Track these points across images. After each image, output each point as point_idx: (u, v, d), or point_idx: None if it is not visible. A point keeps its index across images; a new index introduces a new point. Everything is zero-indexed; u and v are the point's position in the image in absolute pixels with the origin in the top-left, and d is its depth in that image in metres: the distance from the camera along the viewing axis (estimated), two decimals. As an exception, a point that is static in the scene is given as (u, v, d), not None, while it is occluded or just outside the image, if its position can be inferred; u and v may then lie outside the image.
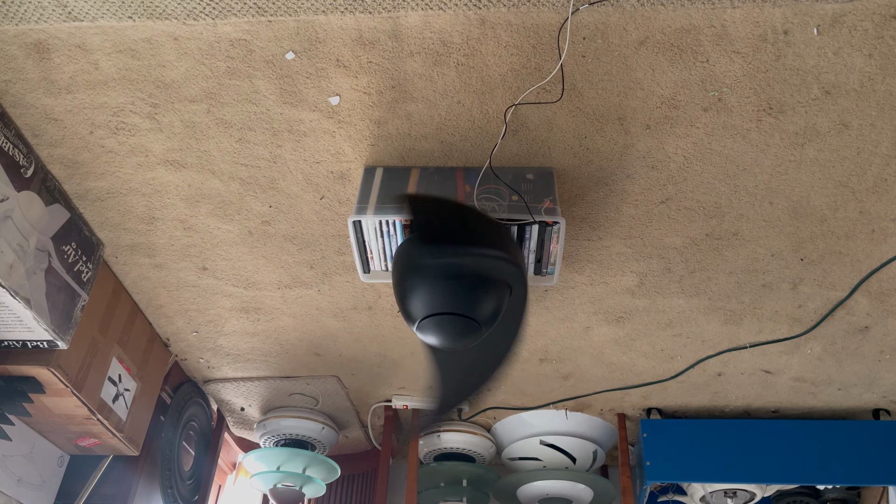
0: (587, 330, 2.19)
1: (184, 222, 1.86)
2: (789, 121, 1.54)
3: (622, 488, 2.43)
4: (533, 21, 1.38)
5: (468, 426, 2.72)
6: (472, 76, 1.48)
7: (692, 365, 2.32)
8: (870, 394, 2.41)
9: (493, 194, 1.61)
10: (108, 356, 2.02)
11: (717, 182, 1.69)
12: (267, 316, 2.19)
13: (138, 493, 2.28)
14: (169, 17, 1.38)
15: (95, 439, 2.11)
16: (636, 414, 2.62)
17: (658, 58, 1.43)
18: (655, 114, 1.54)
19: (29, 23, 1.39)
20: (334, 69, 1.48)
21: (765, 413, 2.56)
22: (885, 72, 1.43)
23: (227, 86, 1.52)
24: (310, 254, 1.94)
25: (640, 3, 1.34)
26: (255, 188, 1.76)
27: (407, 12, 1.37)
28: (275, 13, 1.37)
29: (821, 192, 1.69)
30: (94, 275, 1.88)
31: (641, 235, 1.84)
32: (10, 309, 1.65)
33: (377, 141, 1.63)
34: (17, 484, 2.02)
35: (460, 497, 2.63)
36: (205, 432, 2.70)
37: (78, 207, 1.83)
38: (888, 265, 1.87)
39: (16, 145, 1.61)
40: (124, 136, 1.63)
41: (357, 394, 2.63)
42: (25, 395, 1.86)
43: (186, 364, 2.48)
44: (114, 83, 1.52)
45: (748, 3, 1.33)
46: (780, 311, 2.06)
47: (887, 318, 2.05)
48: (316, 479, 2.57)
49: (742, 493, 2.42)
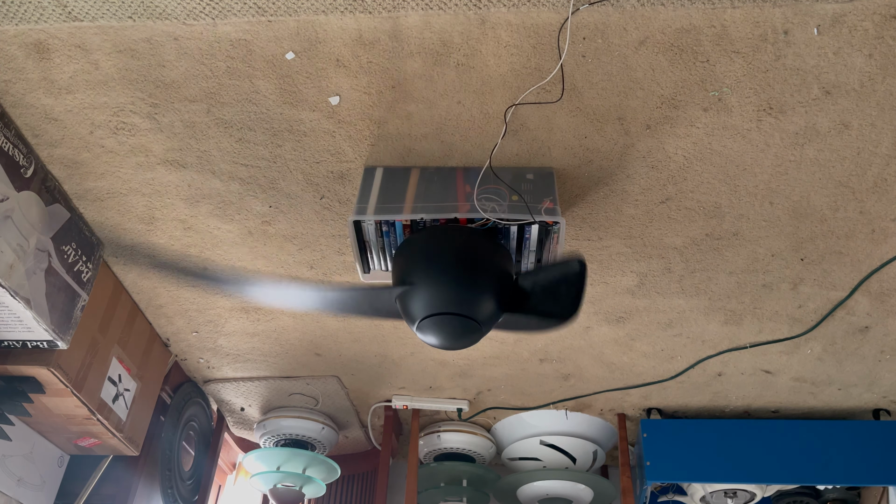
0: (587, 330, 2.19)
1: (184, 222, 1.86)
2: (789, 121, 1.54)
3: (622, 488, 2.43)
4: (533, 21, 1.38)
5: (468, 426, 2.72)
6: (472, 76, 1.48)
7: (692, 365, 2.32)
8: (870, 394, 2.41)
9: (493, 194, 1.60)
10: (108, 356, 2.02)
11: (717, 182, 1.69)
12: (267, 316, 2.19)
13: (138, 493, 2.28)
14: (169, 17, 1.38)
15: (95, 439, 2.11)
16: (636, 414, 2.62)
17: (658, 58, 1.43)
18: (655, 114, 1.54)
19: (29, 23, 1.39)
20: (334, 69, 1.48)
21: (765, 413, 2.56)
22: (885, 72, 1.43)
23: (227, 86, 1.52)
24: (310, 254, 1.94)
25: (640, 3, 1.34)
26: (255, 188, 1.76)
27: (407, 12, 1.37)
28: (275, 13, 1.37)
29: (821, 192, 1.69)
30: (94, 275, 1.88)
31: (641, 235, 1.84)
32: (10, 309, 1.65)
33: (377, 141, 1.63)
34: (17, 484, 2.02)
35: (460, 497, 2.62)
36: (205, 432, 2.70)
37: (78, 207, 1.83)
38: (888, 265, 1.87)
39: (16, 145, 1.61)
40: (124, 136, 1.63)
41: (357, 394, 2.63)
42: (25, 395, 1.86)
43: (186, 364, 2.48)
44: (114, 83, 1.52)
45: (748, 3, 1.33)
46: (780, 311, 2.06)
47: (887, 318, 2.05)
48: (316, 479, 2.57)
49: (742, 493, 2.41)
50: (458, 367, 2.43)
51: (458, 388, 2.55)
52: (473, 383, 2.52)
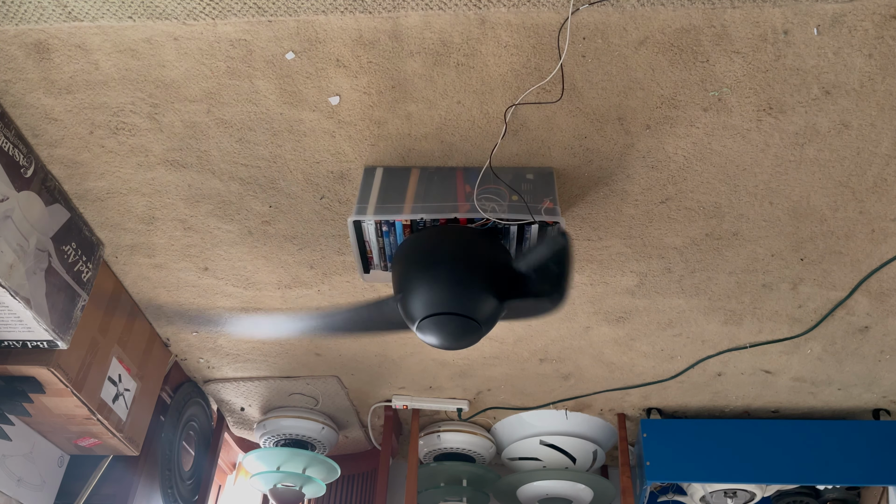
0: (587, 330, 2.19)
1: (184, 222, 1.86)
2: (789, 121, 1.54)
3: (622, 488, 2.43)
4: (533, 21, 1.38)
5: (468, 426, 2.72)
6: (472, 76, 1.48)
7: (692, 365, 2.32)
8: (870, 394, 2.41)
9: (493, 194, 1.61)
10: (108, 356, 2.02)
11: (717, 182, 1.69)
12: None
13: (138, 493, 2.28)
14: (169, 17, 1.38)
15: (95, 439, 2.11)
16: (636, 414, 2.62)
17: (658, 58, 1.43)
18: (655, 114, 1.54)
19: (29, 23, 1.39)
20: (334, 69, 1.48)
21: (765, 413, 2.56)
22: (885, 72, 1.43)
23: (227, 86, 1.52)
24: (310, 254, 1.94)
25: (640, 3, 1.34)
26: (255, 188, 1.76)
27: (407, 12, 1.37)
28: (275, 13, 1.37)
29: (821, 192, 1.69)
30: (94, 275, 1.88)
31: (641, 235, 1.84)
32: (10, 309, 1.65)
33: (377, 141, 1.63)
34: (17, 484, 2.02)
35: (460, 497, 2.63)
36: (205, 432, 2.70)
37: (78, 207, 1.83)
38: (888, 265, 1.87)
39: (16, 145, 1.61)
40: (124, 136, 1.63)
41: (357, 394, 2.63)
42: (25, 395, 1.86)
43: (186, 364, 2.48)
44: (114, 83, 1.52)
45: (748, 3, 1.33)
46: (780, 311, 2.06)
47: (887, 318, 2.05)
48: (316, 479, 2.57)
49: (742, 493, 2.42)
50: (458, 367, 2.43)
51: (458, 388, 2.55)
52: (473, 383, 2.52)
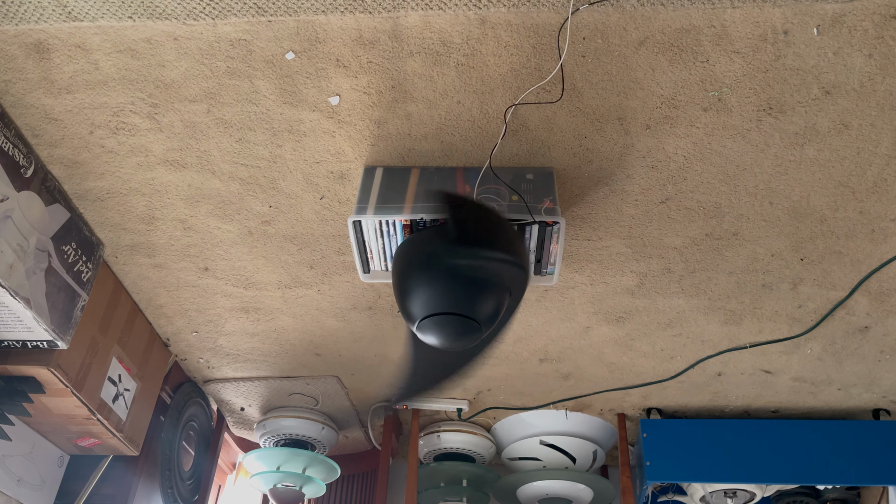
0: (587, 330, 2.19)
1: (184, 222, 1.87)
2: (789, 121, 1.54)
3: (622, 488, 2.43)
4: (533, 21, 1.38)
5: (468, 426, 2.72)
6: (472, 76, 1.48)
7: (692, 365, 2.32)
8: (870, 394, 2.41)
9: (493, 194, 1.61)
10: (108, 356, 2.02)
11: (717, 182, 1.69)
12: (267, 316, 2.19)
13: (138, 493, 2.28)
14: (169, 17, 1.38)
15: (95, 439, 2.11)
16: (636, 414, 2.62)
17: (658, 58, 1.43)
18: (655, 114, 1.54)
19: (29, 23, 1.39)
20: (334, 69, 1.48)
21: (765, 413, 2.56)
22: (885, 72, 1.43)
23: (227, 86, 1.52)
24: (310, 254, 1.94)
25: (640, 3, 1.34)
26: (255, 188, 1.76)
27: (407, 12, 1.37)
28: (275, 13, 1.37)
29: (821, 192, 1.69)
30: (94, 275, 1.88)
31: (641, 235, 1.84)
32: (10, 309, 1.65)
33: (377, 141, 1.63)
34: (17, 484, 2.02)
35: (460, 497, 2.63)
36: (205, 432, 2.70)
37: (78, 207, 1.83)
38: (888, 265, 1.87)
39: (16, 145, 1.61)
40: (124, 136, 1.63)
41: (357, 394, 2.63)
42: (25, 395, 1.86)
43: (186, 364, 2.48)
44: (114, 83, 1.52)
45: (748, 3, 1.33)
46: (780, 311, 2.06)
47: (887, 318, 2.05)
48: (316, 479, 2.57)
49: (742, 493, 2.42)
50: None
51: (458, 388, 2.55)
52: (473, 383, 2.52)
